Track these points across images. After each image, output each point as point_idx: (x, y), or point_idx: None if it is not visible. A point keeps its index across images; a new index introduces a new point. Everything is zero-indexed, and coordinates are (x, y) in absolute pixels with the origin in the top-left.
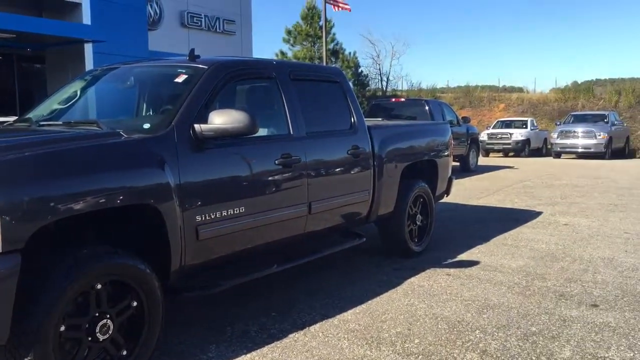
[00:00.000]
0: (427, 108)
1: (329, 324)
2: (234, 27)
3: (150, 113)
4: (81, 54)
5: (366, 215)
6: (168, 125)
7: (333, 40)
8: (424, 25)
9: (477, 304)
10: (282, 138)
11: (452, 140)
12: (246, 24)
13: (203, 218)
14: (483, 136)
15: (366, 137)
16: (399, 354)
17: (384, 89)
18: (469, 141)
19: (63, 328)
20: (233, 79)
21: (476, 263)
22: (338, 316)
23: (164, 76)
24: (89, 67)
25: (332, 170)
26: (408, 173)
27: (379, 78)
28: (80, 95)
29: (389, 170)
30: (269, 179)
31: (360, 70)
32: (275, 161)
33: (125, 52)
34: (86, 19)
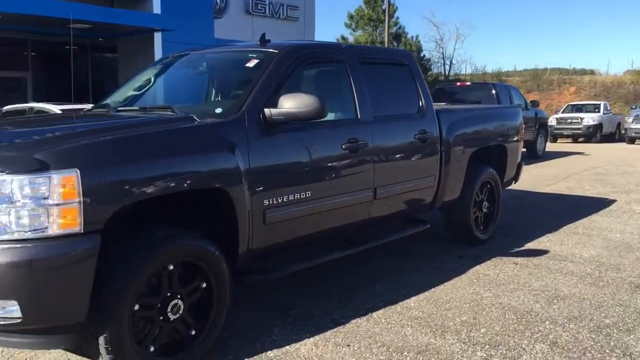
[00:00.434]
0: (494, 92)
1: (392, 311)
2: (297, 13)
3: (222, 98)
4: (151, 42)
5: (431, 201)
6: (239, 110)
7: (396, 24)
8: (490, 7)
9: (547, 294)
10: (350, 122)
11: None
12: (309, 9)
13: (270, 202)
14: (552, 121)
15: (434, 122)
16: (464, 343)
17: (447, 73)
18: (537, 126)
19: (137, 307)
20: (303, 63)
21: (545, 252)
22: (401, 303)
23: (235, 61)
24: (158, 56)
25: (399, 155)
26: (476, 158)
27: (442, 62)
28: (154, 81)
29: (457, 155)
30: (336, 163)
31: (422, 54)
32: (342, 146)
33: (192, 41)
34: (156, 9)
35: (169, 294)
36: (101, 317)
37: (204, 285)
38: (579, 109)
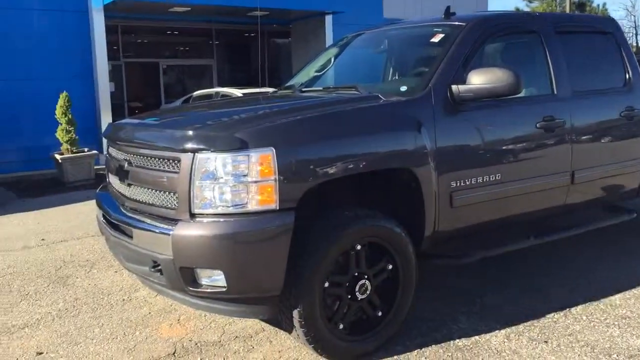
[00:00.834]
0: None
1: (594, 307)
2: None
3: (403, 76)
4: (322, 26)
5: (637, 188)
6: (425, 87)
7: None
8: None
9: None
10: (545, 98)
11: None
12: None
13: (458, 184)
14: None
15: None
16: None
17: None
18: None
19: (327, 284)
20: (492, 35)
21: None
22: (604, 299)
23: (418, 37)
24: (329, 38)
25: (601, 135)
26: None
27: (634, 32)
28: (334, 62)
29: None
30: (529, 144)
31: None
32: (537, 124)
33: (362, 22)
34: None
35: (356, 274)
36: (295, 292)
37: (389, 267)
38: None
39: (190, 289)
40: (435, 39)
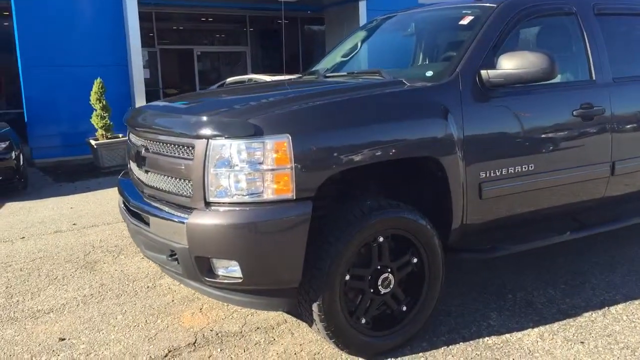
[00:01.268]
0: None
1: (636, 307)
2: None
3: (432, 60)
4: (355, 12)
5: None
6: (452, 72)
7: None
8: None
9: None
10: (583, 85)
11: None
12: None
13: (487, 175)
14: None
15: None
16: None
17: None
18: None
19: (348, 277)
20: (526, 17)
21: None
22: None
23: (446, 20)
24: (362, 24)
25: None
26: None
27: None
28: (360, 46)
29: None
30: (565, 133)
31: None
32: (573, 112)
33: (396, 7)
34: None
35: (379, 267)
36: (315, 284)
37: (414, 260)
38: None
39: (207, 279)
40: (465, 22)
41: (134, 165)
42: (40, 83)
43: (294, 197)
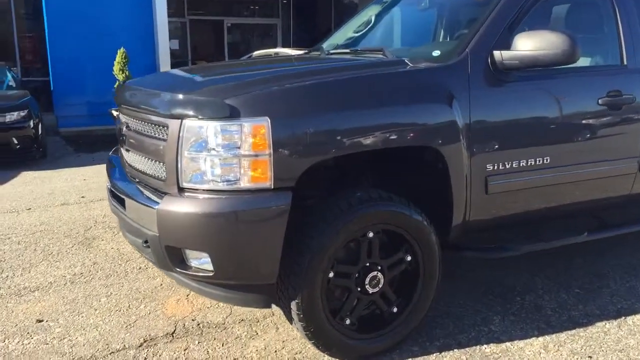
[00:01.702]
0: None
1: None
2: None
3: (445, 38)
4: None
5: None
6: (461, 53)
7: None
8: None
9: None
10: (612, 70)
11: None
12: None
13: (495, 167)
14: None
15: None
16: None
17: None
18: None
19: (332, 275)
20: None
21: None
22: None
23: None
24: None
25: None
26: None
27: None
28: (373, 22)
29: None
30: (587, 122)
31: None
32: (599, 100)
33: None
34: None
35: (367, 264)
36: (294, 281)
37: (408, 258)
38: None
39: (178, 269)
40: None
41: (120, 144)
42: (66, 51)
43: (272, 187)
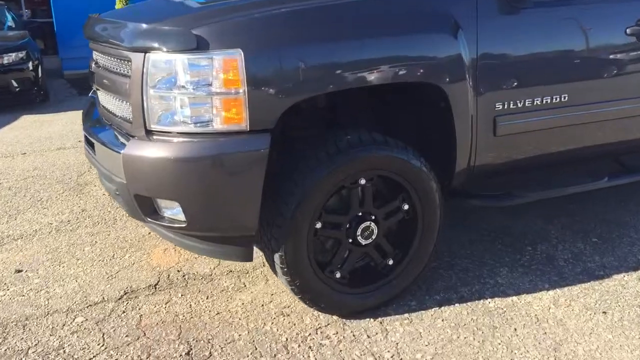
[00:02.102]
0: None
1: None
2: None
3: None
4: None
5: None
6: None
7: None
8: None
9: None
10: None
11: None
12: None
13: (506, 106)
14: None
15: None
16: None
17: None
18: None
19: (319, 225)
20: None
21: None
22: None
23: None
24: None
25: None
26: None
27: None
28: None
29: None
30: (613, 55)
31: None
32: (627, 30)
33: None
34: None
35: (359, 214)
36: (277, 232)
37: (405, 207)
38: None
39: (150, 220)
40: None
41: (91, 82)
42: None
43: (248, 129)
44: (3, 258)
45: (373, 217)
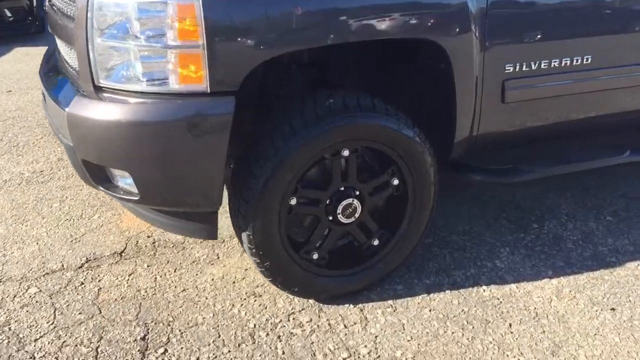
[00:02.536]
0: None
1: None
2: None
3: None
4: None
5: None
6: None
7: None
8: None
9: None
10: None
11: None
12: None
13: (517, 68)
14: None
15: None
16: None
17: None
18: None
19: (294, 201)
20: None
21: None
22: None
23: None
24: None
25: None
26: None
27: None
28: None
29: None
30: None
31: None
32: None
33: None
34: None
35: (342, 189)
36: (244, 209)
37: (395, 182)
38: None
39: (102, 188)
40: None
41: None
42: None
43: (208, 90)
44: None
45: (357, 193)
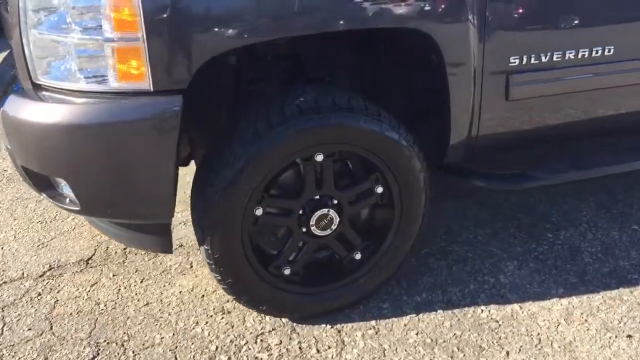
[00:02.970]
0: None
1: None
2: None
3: None
4: None
5: None
6: None
7: None
8: None
9: None
10: None
11: None
12: None
13: (524, 61)
14: None
15: None
16: None
17: None
18: None
19: (259, 211)
20: None
21: None
22: None
23: None
24: None
25: None
26: None
27: None
28: None
29: None
30: None
31: None
32: None
33: None
34: None
35: (317, 197)
36: (202, 221)
37: (379, 190)
38: None
39: (45, 196)
40: None
41: None
42: None
43: (151, 88)
44: None
45: (335, 202)
